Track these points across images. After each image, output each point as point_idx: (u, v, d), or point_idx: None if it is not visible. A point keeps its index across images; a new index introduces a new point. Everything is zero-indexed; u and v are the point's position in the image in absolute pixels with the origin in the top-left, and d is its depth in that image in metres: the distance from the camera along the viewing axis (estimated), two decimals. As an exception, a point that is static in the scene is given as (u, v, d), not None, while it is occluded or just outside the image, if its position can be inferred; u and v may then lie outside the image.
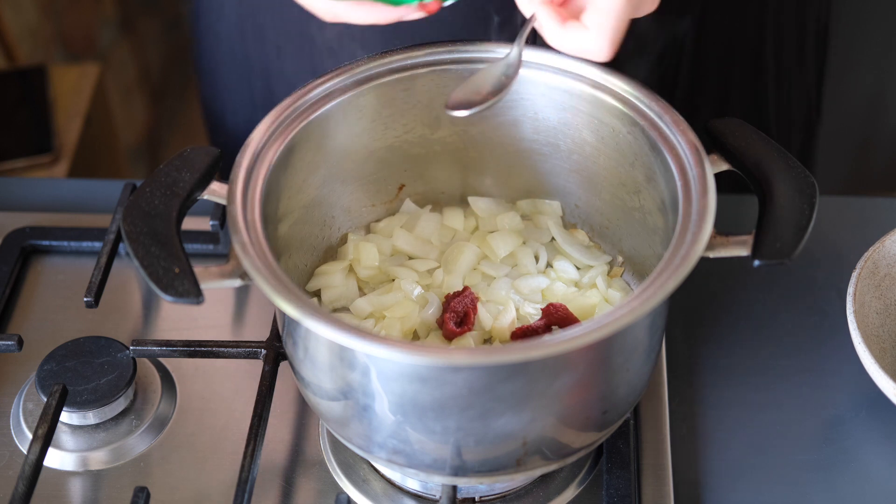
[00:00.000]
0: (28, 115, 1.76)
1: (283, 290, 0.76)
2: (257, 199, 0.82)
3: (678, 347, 1.01)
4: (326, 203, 0.94)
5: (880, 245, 0.98)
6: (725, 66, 1.19)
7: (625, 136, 0.89)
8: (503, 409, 0.78)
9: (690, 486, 0.92)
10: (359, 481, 0.91)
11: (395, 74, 0.91)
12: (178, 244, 0.78)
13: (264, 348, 0.96)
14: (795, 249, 0.78)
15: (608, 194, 0.94)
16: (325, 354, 0.80)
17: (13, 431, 0.95)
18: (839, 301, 1.03)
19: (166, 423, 0.96)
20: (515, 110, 0.93)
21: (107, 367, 0.95)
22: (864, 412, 0.97)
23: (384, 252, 0.96)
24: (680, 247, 0.78)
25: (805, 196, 0.81)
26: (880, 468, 0.94)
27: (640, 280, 0.94)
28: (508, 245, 0.95)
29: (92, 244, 1.08)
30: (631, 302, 0.76)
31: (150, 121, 2.45)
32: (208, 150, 0.85)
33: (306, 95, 0.88)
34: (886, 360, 0.96)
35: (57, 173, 1.67)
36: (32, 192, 1.17)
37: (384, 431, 0.81)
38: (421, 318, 0.91)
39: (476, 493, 0.90)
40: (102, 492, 0.92)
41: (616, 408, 0.84)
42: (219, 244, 1.07)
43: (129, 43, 2.40)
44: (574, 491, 0.91)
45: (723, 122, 0.86)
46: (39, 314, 1.04)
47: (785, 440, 0.95)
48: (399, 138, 0.95)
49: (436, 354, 0.74)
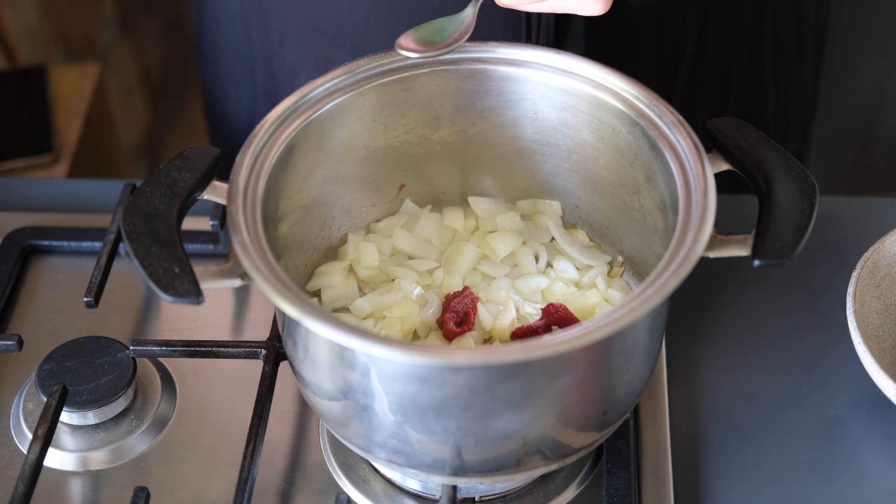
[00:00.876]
0: (28, 115, 1.76)
1: (283, 290, 0.76)
2: (257, 199, 0.82)
3: (678, 347, 1.01)
4: (326, 203, 0.94)
5: (880, 245, 0.98)
6: (724, 65, 1.19)
7: (625, 136, 0.89)
8: (503, 409, 0.78)
9: (690, 486, 0.92)
10: (359, 481, 0.91)
11: (395, 74, 0.91)
12: (178, 244, 0.78)
13: (264, 348, 0.96)
14: (795, 249, 0.78)
15: (608, 194, 0.94)
16: (325, 354, 0.80)
17: (13, 431, 0.95)
18: (839, 301, 1.03)
19: (166, 423, 0.96)
20: (515, 110, 0.93)
21: (107, 367, 0.95)
22: (864, 412, 0.97)
23: (384, 252, 0.96)
24: (680, 247, 0.78)
25: (805, 196, 0.81)
26: (880, 468, 0.94)
27: (640, 280, 0.94)
28: (508, 245, 0.95)
29: (92, 244, 1.08)
30: (631, 302, 0.76)
31: (150, 121, 2.45)
32: (208, 150, 0.85)
33: (306, 95, 0.88)
34: (886, 360, 0.96)
35: (57, 173, 1.67)
36: (32, 192, 1.17)
37: (384, 431, 0.81)
38: (421, 318, 0.90)
39: (476, 493, 0.90)
40: (102, 492, 0.92)
41: (616, 408, 0.84)
42: (219, 244, 1.07)
43: (129, 43, 2.40)
44: (574, 491, 0.91)
45: (722, 122, 0.86)
46: (39, 314, 1.04)
47: (785, 440, 0.95)
48: (399, 138, 0.95)
49: (436, 354, 0.74)
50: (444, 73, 0.91)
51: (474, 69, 0.91)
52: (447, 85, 0.92)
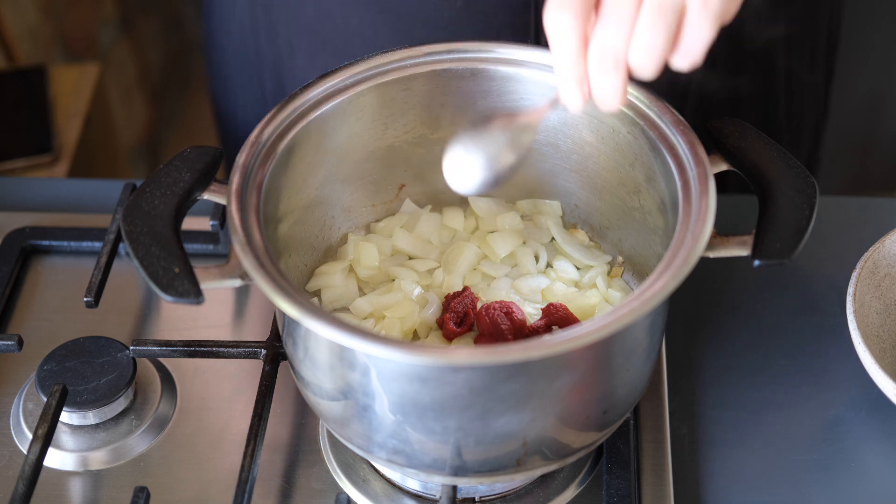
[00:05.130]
0: (28, 115, 1.76)
1: (283, 290, 0.76)
2: (257, 199, 0.82)
3: (678, 347, 1.01)
4: (326, 203, 0.94)
5: (880, 245, 0.98)
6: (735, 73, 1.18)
7: (625, 136, 0.89)
8: (503, 409, 0.78)
9: (690, 486, 0.92)
10: (359, 481, 0.92)
11: (395, 74, 0.91)
12: (178, 244, 0.78)
13: (264, 348, 0.96)
14: (795, 249, 0.78)
15: (608, 194, 0.94)
16: (325, 354, 0.80)
17: (13, 431, 0.95)
18: (839, 301, 1.03)
19: (166, 423, 0.96)
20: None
21: (107, 367, 0.95)
22: (864, 412, 0.97)
23: (384, 252, 0.96)
24: (680, 247, 0.78)
25: (805, 196, 0.81)
26: (880, 468, 0.94)
27: (640, 280, 0.94)
28: (508, 245, 0.95)
29: (92, 244, 1.08)
30: (631, 302, 0.76)
31: (150, 121, 2.45)
32: (208, 150, 0.85)
33: (306, 95, 0.88)
34: (886, 360, 0.96)
35: (57, 173, 1.67)
36: (32, 192, 1.17)
37: (384, 431, 0.81)
38: (421, 318, 0.91)
39: (476, 493, 0.90)
40: (102, 492, 0.92)
41: (616, 408, 0.84)
42: (219, 244, 1.07)
43: (129, 43, 2.40)
44: (574, 491, 0.91)
45: (722, 122, 0.86)
46: (39, 314, 1.04)
47: (785, 440, 0.95)
48: (399, 138, 0.95)
49: (436, 354, 0.74)
50: (444, 73, 0.91)
51: (474, 69, 0.91)
52: (447, 85, 0.92)
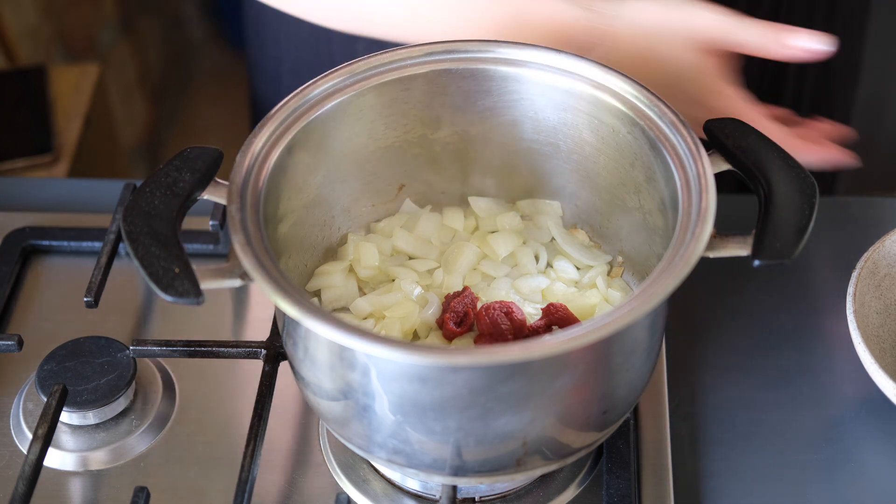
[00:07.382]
0: (28, 115, 1.76)
1: (283, 290, 0.76)
2: (257, 199, 0.82)
3: (678, 347, 1.01)
4: (326, 203, 0.94)
5: (880, 245, 0.98)
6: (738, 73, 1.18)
7: (625, 136, 0.89)
8: (503, 409, 0.78)
9: (690, 486, 0.92)
10: (359, 481, 0.91)
11: (395, 74, 0.91)
12: (178, 244, 0.78)
13: (264, 348, 0.96)
14: (795, 249, 0.78)
15: (608, 194, 0.94)
16: (325, 354, 0.80)
17: (13, 431, 0.95)
18: (839, 301, 1.03)
19: (166, 423, 0.96)
20: (515, 110, 0.93)
21: (107, 367, 0.95)
22: (864, 412, 0.97)
23: (384, 252, 0.96)
24: (680, 247, 0.78)
25: (805, 196, 0.81)
26: (880, 468, 0.94)
27: (640, 280, 0.94)
28: (508, 245, 0.95)
29: (92, 244, 1.08)
30: (631, 302, 0.76)
31: (150, 121, 2.45)
32: (208, 150, 0.85)
33: (306, 95, 0.88)
34: (886, 360, 0.96)
35: (57, 173, 1.68)
36: (32, 192, 1.17)
37: (384, 431, 0.81)
38: (421, 318, 0.90)
39: (476, 493, 0.90)
40: (102, 492, 0.92)
41: (616, 408, 0.84)
42: (219, 244, 1.07)
43: (129, 43, 2.40)
44: (574, 491, 0.91)
45: (722, 122, 0.86)
46: (39, 314, 1.04)
47: (785, 440, 0.95)
48: (399, 138, 0.95)
49: (436, 354, 0.74)
50: (444, 73, 0.91)
51: (474, 69, 0.91)
52: (447, 85, 0.92)
